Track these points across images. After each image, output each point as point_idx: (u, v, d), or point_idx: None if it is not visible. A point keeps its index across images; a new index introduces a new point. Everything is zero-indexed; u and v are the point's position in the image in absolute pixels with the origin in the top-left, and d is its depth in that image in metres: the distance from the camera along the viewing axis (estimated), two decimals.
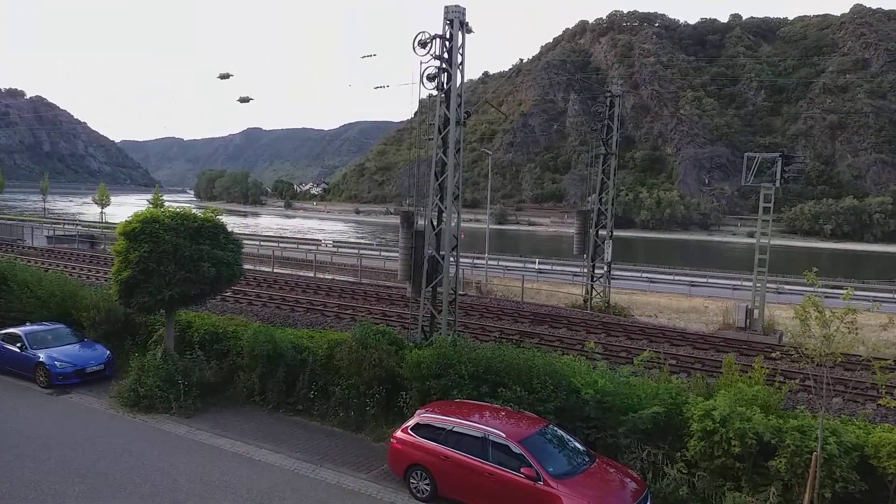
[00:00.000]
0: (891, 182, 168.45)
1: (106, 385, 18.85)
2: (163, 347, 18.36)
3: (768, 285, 30.85)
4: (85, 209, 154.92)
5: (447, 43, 17.74)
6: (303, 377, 17.13)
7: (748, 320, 30.09)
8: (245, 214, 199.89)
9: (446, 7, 17.71)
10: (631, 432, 12.91)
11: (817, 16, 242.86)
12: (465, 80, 18.54)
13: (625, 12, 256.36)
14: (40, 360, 19.08)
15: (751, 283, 32.80)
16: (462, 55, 17.98)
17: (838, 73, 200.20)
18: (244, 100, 22.94)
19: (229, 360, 18.56)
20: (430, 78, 17.80)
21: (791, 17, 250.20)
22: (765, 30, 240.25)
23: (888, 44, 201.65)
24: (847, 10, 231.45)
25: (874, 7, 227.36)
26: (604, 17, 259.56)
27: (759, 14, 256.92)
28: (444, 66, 17.84)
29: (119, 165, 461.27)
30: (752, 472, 11.68)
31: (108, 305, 20.62)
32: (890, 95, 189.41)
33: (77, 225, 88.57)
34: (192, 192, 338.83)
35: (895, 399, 10.83)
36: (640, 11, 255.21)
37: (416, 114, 20.32)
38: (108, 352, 20.11)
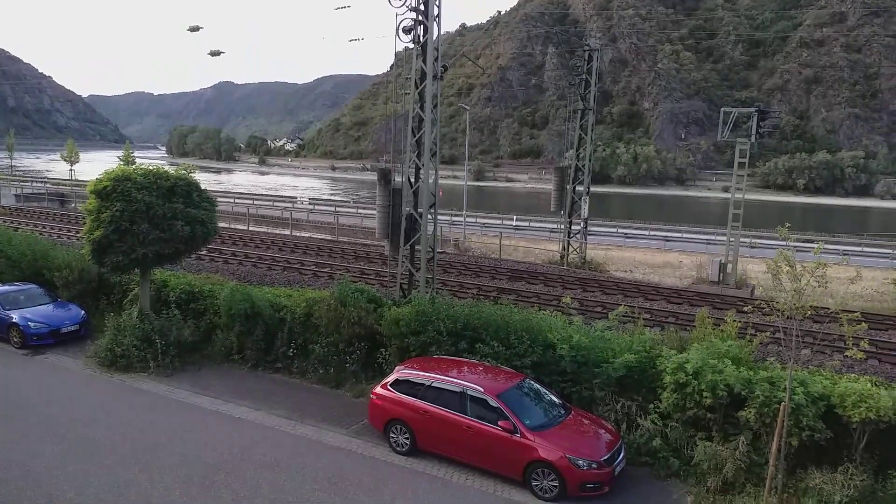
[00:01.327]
0: (863, 136, 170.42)
1: (82, 345, 18.73)
2: (138, 307, 18.23)
3: (742, 240, 31.29)
4: (52, 166, 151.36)
5: None
6: (281, 335, 17.17)
7: (721, 275, 30.58)
8: (218, 171, 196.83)
9: None
10: (605, 384, 13.19)
11: None
12: (442, 33, 18.20)
13: None
14: (13, 320, 18.85)
15: (724, 238, 33.25)
16: (438, 7, 17.61)
17: (815, 26, 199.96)
18: (215, 53, 22.31)
19: (206, 319, 18.50)
20: (406, 31, 17.46)
21: None
22: None
23: None
24: None
25: None
26: None
27: None
28: (420, 18, 17.48)
29: (87, 121, 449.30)
30: (723, 422, 12.02)
31: (81, 265, 20.36)
32: (865, 49, 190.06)
33: (46, 183, 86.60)
34: (163, 148, 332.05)
35: (861, 350, 11.16)
36: None
37: (392, 67, 19.99)
38: (83, 312, 19.92)
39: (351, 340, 16.10)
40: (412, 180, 18.83)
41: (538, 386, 12.97)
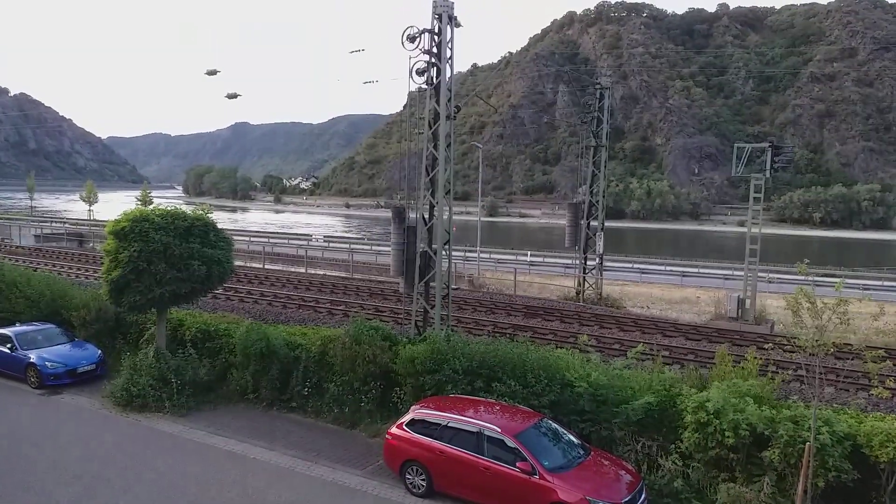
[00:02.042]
0: (878, 169, 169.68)
1: (98, 385, 18.73)
2: (154, 346, 18.26)
3: (759, 275, 30.99)
4: (71, 206, 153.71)
5: (436, 37, 17.64)
6: (296, 374, 17.08)
7: (740, 310, 30.23)
8: (234, 210, 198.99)
9: (435, 2, 17.61)
10: (625, 424, 12.96)
11: (804, 4, 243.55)
12: (455, 73, 18.46)
13: (612, 2, 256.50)
14: (31, 360, 18.93)
15: (742, 273, 32.94)
16: (451, 49, 17.89)
17: (825, 61, 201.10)
18: (232, 96, 22.79)
19: (222, 358, 18.47)
20: (420, 72, 17.71)
21: (778, 6, 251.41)
22: (752, 19, 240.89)
23: (874, 32, 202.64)
24: None
25: None
26: (591, 8, 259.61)
27: (747, 3, 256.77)
28: (433, 60, 17.75)
29: (106, 162, 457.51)
30: (746, 462, 11.75)
31: (99, 305, 20.48)
32: (877, 83, 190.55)
33: (65, 223, 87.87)
34: (180, 187, 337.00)
35: (887, 389, 10.94)
36: (628, 2, 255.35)
37: (405, 107, 20.27)
38: (100, 351, 19.98)
39: (366, 379, 15.99)
40: (426, 218, 18.91)
41: (556, 426, 12.76)
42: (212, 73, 23.05)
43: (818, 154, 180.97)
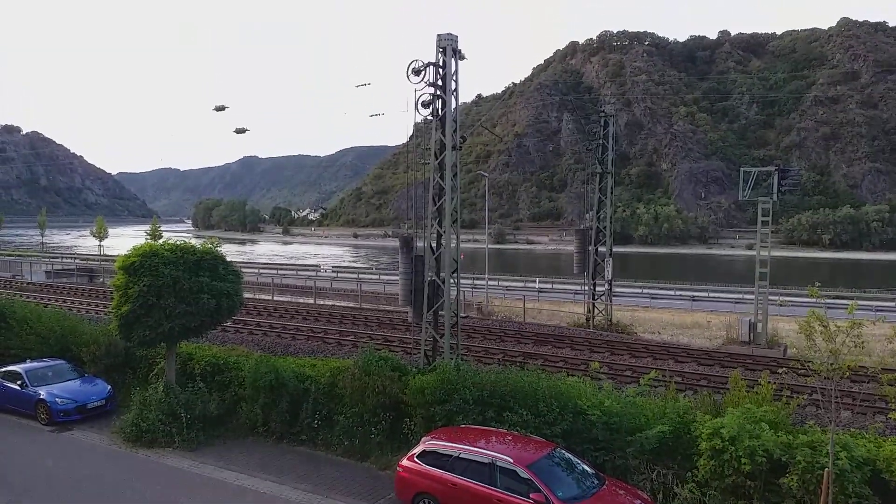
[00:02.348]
0: (886, 190, 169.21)
1: (108, 420, 18.67)
2: (164, 381, 18.22)
3: (770, 298, 30.78)
4: (82, 242, 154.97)
5: (440, 70, 17.86)
6: (306, 406, 16.99)
7: (752, 334, 29.97)
8: (243, 242, 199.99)
9: (439, 35, 17.85)
10: (639, 453, 12.78)
11: (805, 30, 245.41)
12: (460, 104, 18.64)
13: (614, 32, 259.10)
14: (41, 397, 18.92)
15: (752, 297, 32.72)
16: (456, 81, 18.09)
17: (829, 84, 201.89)
18: (240, 131, 23.08)
19: (231, 392, 18.41)
20: (425, 105, 17.89)
21: (779, 32, 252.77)
22: (754, 45, 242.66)
23: (876, 55, 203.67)
24: (834, 24, 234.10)
25: (860, 19, 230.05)
26: (594, 38, 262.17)
27: (748, 30, 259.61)
28: (438, 92, 17.94)
29: (116, 197, 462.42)
30: (764, 489, 11.54)
31: (109, 340, 20.51)
32: (881, 105, 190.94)
33: (75, 259, 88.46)
34: (189, 221, 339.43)
35: None
36: (630, 31, 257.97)
37: (411, 138, 20.43)
38: (109, 386, 19.95)
39: (376, 410, 15.87)
40: (434, 247, 18.94)
41: (570, 455, 12.58)
42: (220, 108, 23.38)
43: (825, 176, 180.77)
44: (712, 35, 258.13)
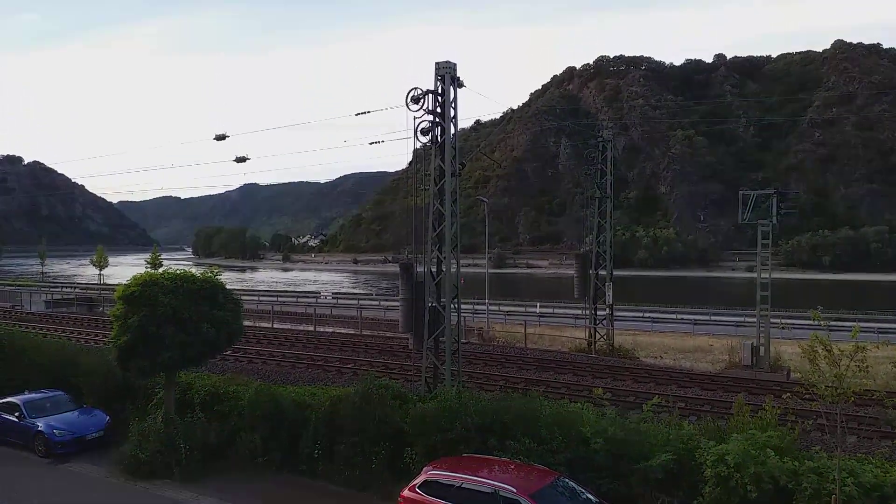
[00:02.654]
0: (885, 211, 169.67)
1: (106, 452, 18.45)
2: (163, 411, 18.06)
3: (772, 320, 30.66)
4: (82, 271, 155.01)
5: (439, 98, 18.00)
6: (306, 436, 16.82)
7: (754, 358, 29.80)
8: (243, 270, 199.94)
9: (437, 63, 18.03)
10: (644, 481, 12.62)
11: (800, 53, 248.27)
12: (458, 129, 18.75)
13: (611, 57, 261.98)
14: (39, 429, 18.73)
15: (754, 319, 32.60)
16: (455, 109, 18.23)
17: (825, 107, 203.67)
18: (241, 159, 23.19)
19: (231, 422, 18.23)
20: (424, 132, 18.02)
21: (774, 55, 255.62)
22: (749, 68, 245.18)
23: (871, 77, 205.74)
24: (829, 46, 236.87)
25: (854, 42, 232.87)
26: (590, 63, 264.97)
27: (743, 53, 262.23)
28: (437, 120, 18.07)
29: (117, 226, 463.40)
30: None
31: (107, 370, 20.36)
32: (877, 127, 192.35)
33: (75, 288, 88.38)
34: (189, 249, 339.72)
35: None
36: (627, 55, 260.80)
37: (410, 164, 20.51)
38: (108, 417, 19.78)
39: (376, 439, 15.70)
40: (434, 272, 18.92)
41: (574, 484, 12.40)
42: (220, 137, 23.49)
43: (823, 198, 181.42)
44: (708, 59, 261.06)
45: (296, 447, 16.89)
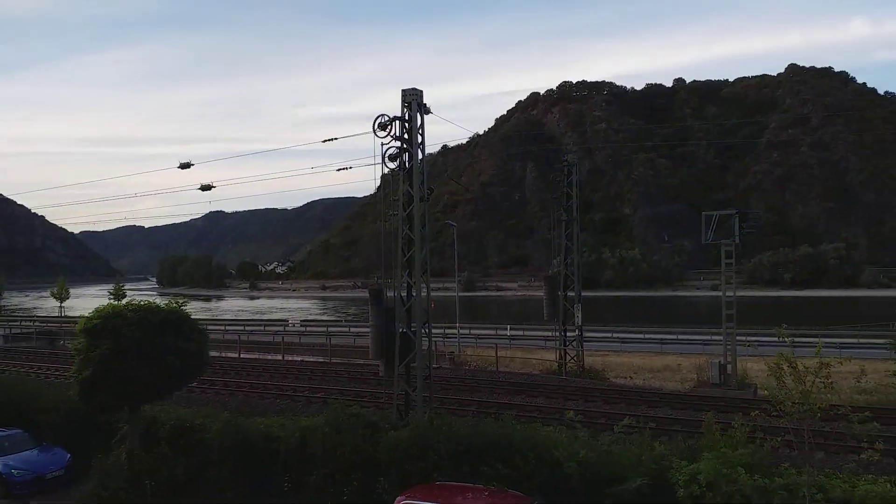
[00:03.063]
0: (841, 229, 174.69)
1: (67, 491, 17.87)
2: (127, 446, 17.55)
3: (738, 338, 31.14)
4: (42, 303, 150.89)
5: (406, 124, 18.09)
6: (275, 468, 16.48)
7: (722, 376, 30.17)
8: (209, 298, 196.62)
9: (404, 91, 18.15)
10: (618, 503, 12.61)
11: (756, 76, 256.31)
12: (426, 154, 18.83)
13: (574, 82, 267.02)
14: None
15: (720, 338, 33.08)
16: (422, 135, 18.33)
17: (780, 128, 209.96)
18: (206, 187, 22.85)
19: (198, 455, 17.76)
20: (392, 158, 18.05)
21: (732, 79, 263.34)
22: (708, 92, 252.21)
23: (824, 99, 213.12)
24: (783, 70, 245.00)
25: (807, 66, 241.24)
26: (554, 88, 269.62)
27: (702, 77, 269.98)
28: (404, 146, 18.14)
29: (79, 257, 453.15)
30: None
31: (69, 406, 19.75)
32: (832, 147, 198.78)
33: (34, 321, 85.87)
34: (154, 279, 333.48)
35: (876, 450, 10.89)
36: (589, 81, 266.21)
37: (378, 189, 20.51)
38: (69, 455, 19.15)
39: (348, 469, 15.45)
40: (404, 298, 18.84)
41: None
42: (185, 166, 23.22)
43: (782, 216, 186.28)
44: (668, 83, 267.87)
45: (265, 479, 16.54)
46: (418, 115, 18.20)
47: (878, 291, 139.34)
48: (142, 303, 17.58)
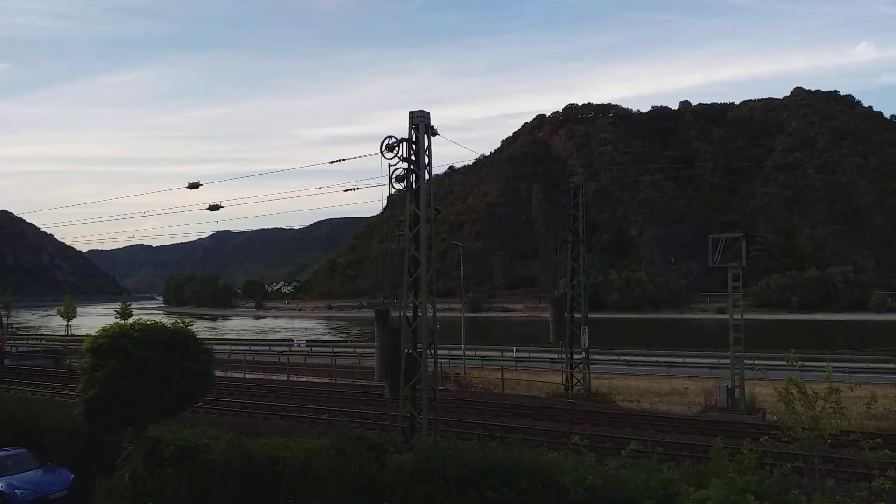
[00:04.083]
0: (849, 252, 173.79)
1: None
2: (131, 467, 17.46)
3: (746, 362, 30.91)
4: (48, 321, 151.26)
5: (413, 146, 18.20)
6: (279, 490, 16.34)
7: (730, 400, 29.91)
8: (215, 318, 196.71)
9: (411, 113, 18.29)
10: None
11: (761, 99, 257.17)
12: (432, 175, 18.89)
13: (580, 105, 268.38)
14: (0, 489, 17.97)
15: (728, 361, 32.83)
16: (429, 156, 18.43)
17: (787, 151, 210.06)
18: (214, 207, 23.03)
19: (202, 476, 17.65)
20: (399, 179, 18.13)
21: (737, 102, 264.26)
22: (714, 114, 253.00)
23: (830, 122, 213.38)
24: (789, 93, 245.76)
25: (813, 89, 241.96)
26: (560, 111, 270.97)
27: (707, 100, 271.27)
28: (411, 167, 18.23)
29: (86, 275, 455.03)
30: None
31: (73, 426, 19.70)
32: (838, 170, 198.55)
33: (41, 340, 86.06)
34: (160, 298, 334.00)
35: (888, 479, 10.72)
36: (595, 103, 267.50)
37: (385, 209, 20.57)
38: (72, 476, 19.05)
39: (353, 493, 15.31)
40: (410, 318, 18.80)
41: None
42: (194, 186, 23.40)
43: (789, 239, 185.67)
44: (674, 105, 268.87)
45: (269, 502, 16.40)
46: (425, 136, 18.32)
47: (887, 315, 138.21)
48: (148, 322, 17.61)
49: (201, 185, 24.11)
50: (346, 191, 21.17)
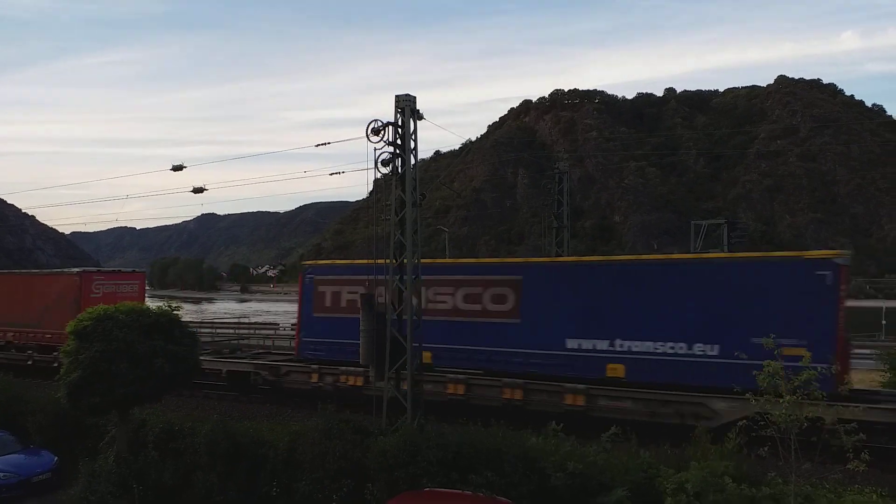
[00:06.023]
0: (829, 239, 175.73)
1: (54, 495, 17.75)
2: (115, 450, 17.47)
3: None
4: None
5: (399, 130, 18.15)
6: (264, 473, 16.44)
7: None
8: (199, 301, 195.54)
9: (397, 96, 18.22)
10: None
11: (745, 87, 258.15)
12: (418, 160, 18.88)
13: (566, 90, 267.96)
14: None
15: None
16: (415, 140, 18.39)
17: (770, 139, 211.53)
18: (198, 190, 22.82)
19: (187, 459, 17.71)
20: (385, 163, 18.09)
21: (721, 89, 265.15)
22: (698, 101, 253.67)
23: (812, 110, 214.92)
24: (772, 81, 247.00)
25: (796, 77, 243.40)
26: (546, 96, 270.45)
27: (692, 87, 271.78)
28: (397, 151, 18.20)
29: (69, 258, 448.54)
30: None
31: (56, 409, 19.66)
32: (819, 158, 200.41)
33: None
34: None
35: (863, 462, 10.99)
36: (581, 89, 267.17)
37: (370, 193, 20.54)
38: (55, 458, 19.06)
39: (337, 476, 15.44)
40: (395, 304, 18.86)
41: None
42: (178, 168, 23.17)
43: (770, 226, 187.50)
44: (658, 92, 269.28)
45: (254, 485, 16.50)
46: (411, 120, 18.27)
47: (865, 302, 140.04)
48: (132, 305, 17.56)
49: (185, 167, 23.90)
50: (331, 174, 21.14)
